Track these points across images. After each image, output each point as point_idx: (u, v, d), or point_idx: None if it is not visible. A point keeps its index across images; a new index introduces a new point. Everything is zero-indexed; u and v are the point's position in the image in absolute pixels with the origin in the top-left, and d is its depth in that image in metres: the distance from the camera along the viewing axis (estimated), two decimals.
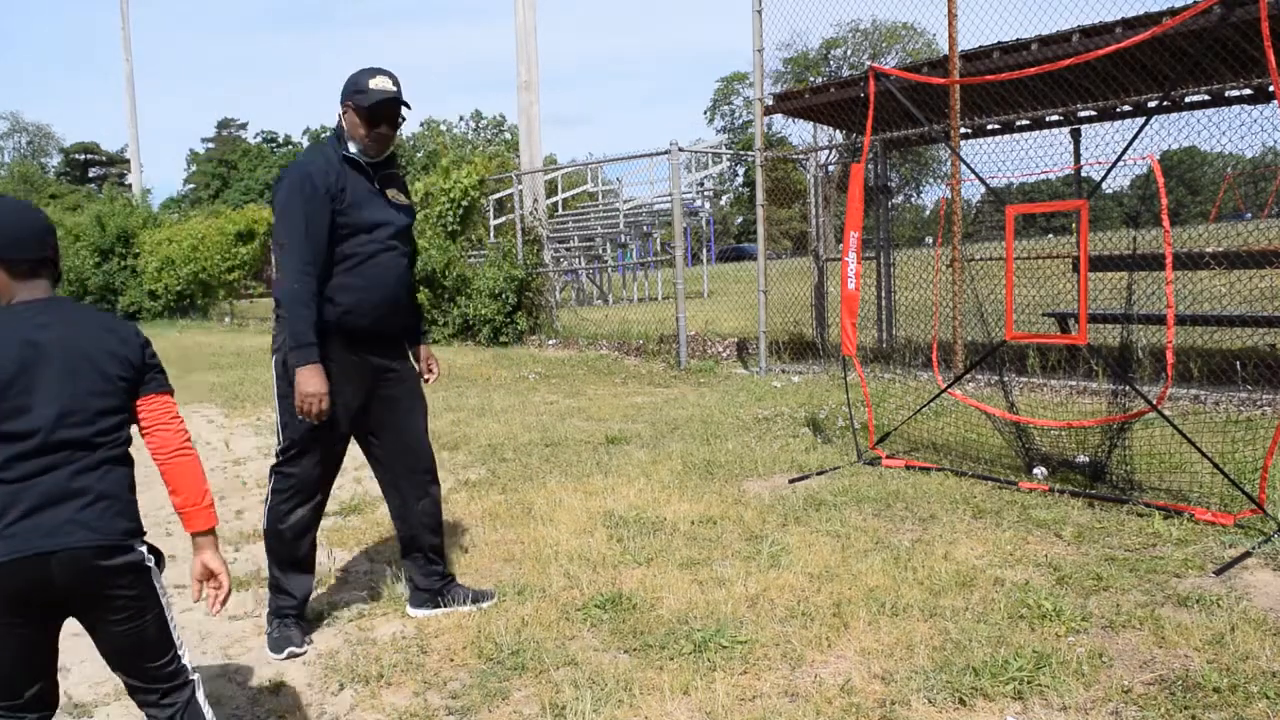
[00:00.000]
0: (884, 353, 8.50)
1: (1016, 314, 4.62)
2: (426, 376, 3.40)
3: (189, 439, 1.95)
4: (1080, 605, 2.99)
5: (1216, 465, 3.83)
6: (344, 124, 3.06)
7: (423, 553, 3.29)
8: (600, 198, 21.31)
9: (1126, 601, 3.02)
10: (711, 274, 21.26)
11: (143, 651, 1.86)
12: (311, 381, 2.91)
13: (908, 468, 4.85)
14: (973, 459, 4.95)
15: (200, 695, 1.95)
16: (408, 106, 3.07)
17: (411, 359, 3.33)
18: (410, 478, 3.26)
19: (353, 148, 3.06)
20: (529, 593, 3.36)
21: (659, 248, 21.93)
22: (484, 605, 3.26)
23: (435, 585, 3.29)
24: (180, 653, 1.92)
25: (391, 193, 3.16)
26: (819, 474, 4.86)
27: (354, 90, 3.02)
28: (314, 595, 3.51)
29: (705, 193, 21.68)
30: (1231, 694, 2.39)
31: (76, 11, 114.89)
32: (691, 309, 11.11)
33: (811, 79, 38.30)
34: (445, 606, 3.26)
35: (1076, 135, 8.23)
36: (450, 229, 13.31)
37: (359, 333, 3.06)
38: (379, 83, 3.01)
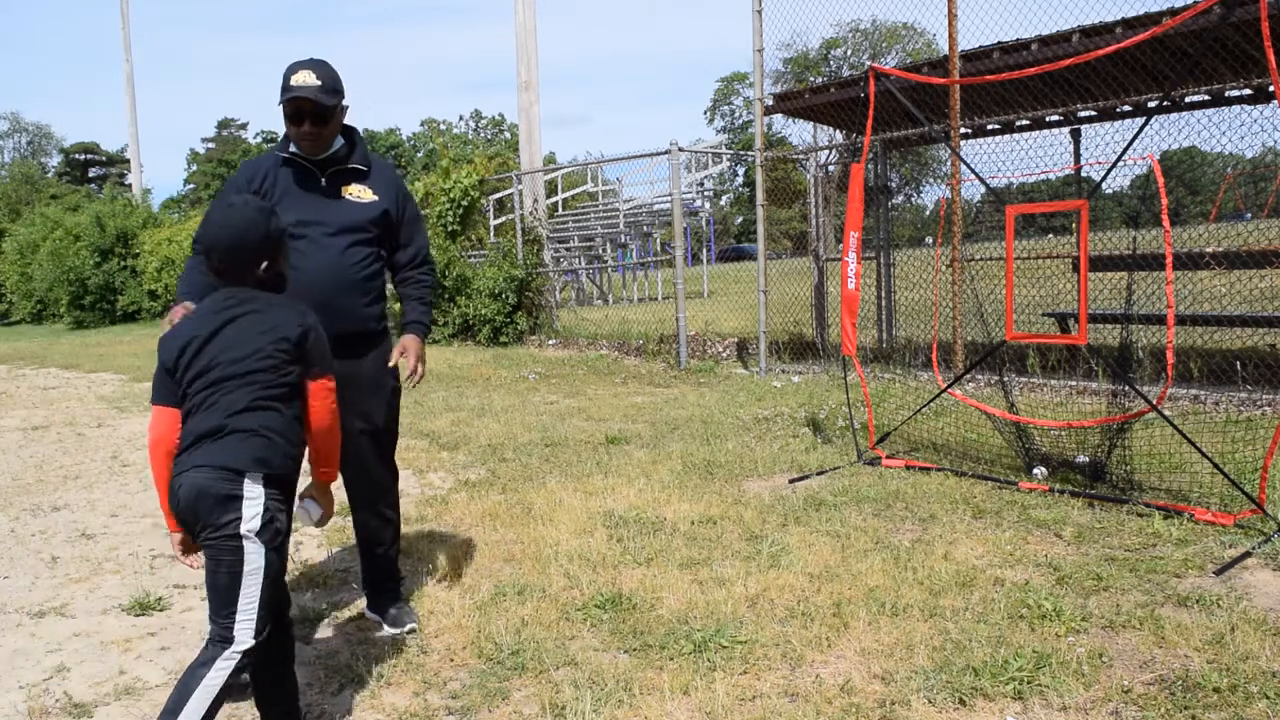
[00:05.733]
0: (884, 353, 8.50)
1: (1016, 314, 4.62)
2: (403, 371, 3.09)
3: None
4: (1080, 605, 2.99)
5: (1216, 465, 3.83)
6: None
7: (370, 563, 3.25)
8: (600, 198, 21.31)
9: (1126, 601, 3.02)
10: (711, 274, 21.25)
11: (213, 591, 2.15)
12: None
13: (908, 468, 4.85)
14: (973, 459, 4.95)
15: (217, 666, 2.08)
16: (323, 104, 2.84)
17: (380, 368, 3.09)
18: (359, 497, 3.18)
19: (293, 146, 2.96)
20: (529, 593, 3.36)
21: (659, 248, 21.94)
22: (399, 632, 3.11)
23: (369, 593, 3.27)
24: (239, 615, 2.11)
25: (354, 189, 3.01)
26: (819, 474, 4.86)
27: (280, 87, 2.86)
28: (314, 595, 3.52)
29: (705, 193, 21.69)
30: (1231, 694, 2.39)
31: (76, 11, 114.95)
32: (691, 309, 11.12)
33: (811, 79, 38.30)
34: (371, 614, 3.26)
35: (1076, 135, 8.22)
36: (450, 229, 13.31)
37: None
38: (297, 78, 2.83)
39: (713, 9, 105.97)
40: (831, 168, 9.49)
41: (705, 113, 68.39)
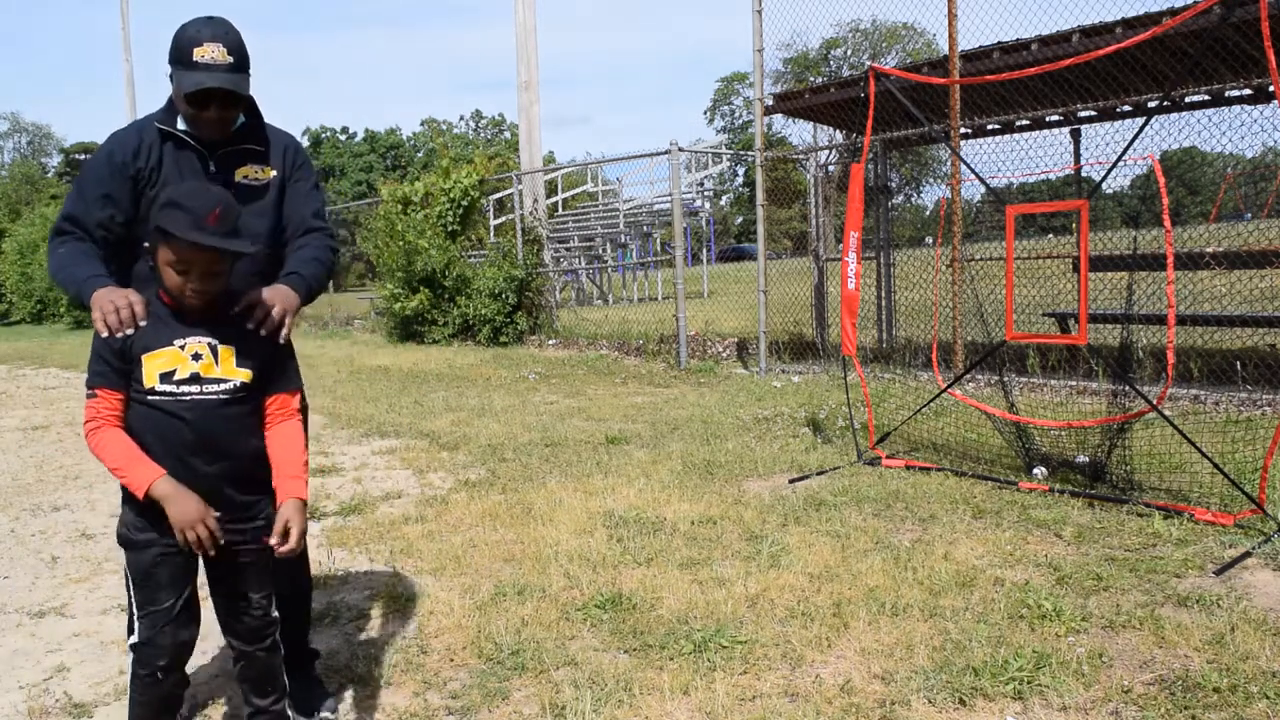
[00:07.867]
0: (884, 353, 8.50)
1: (1016, 314, 4.62)
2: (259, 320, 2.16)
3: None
4: (1080, 605, 3.00)
5: (1216, 465, 3.83)
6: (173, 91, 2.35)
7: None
8: (600, 198, 21.33)
9: (1126, 601, 3.02)
10: (711, 274, 21.26)
11: None
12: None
13: (908, 468, 4.85)
14: (973, 459, 4.95)
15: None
16: (239, 93, 2.29)
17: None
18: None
19: (181, 123, 2.37)
20: (529, 593, 3.36)
21: (659, 248, 21.95)
22: None
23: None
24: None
25: (250, 171, 2.44)
26: (819, 474, 4.86)
27: (176, 58, 2.27)
28: (314, 595, 3.52)
29: (705, 193, 21.71)
30: (1231, 694, 2.39)
31: (76, 11, 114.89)
32: (691, 309, 11.12)
33: (811, 79, 38.29)
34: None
35: (1076, 135, 8.23)
36: (450, 229, 13.32)
37: None
38: (205, 53, 2.24)
39: (713, 9, 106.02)
40: (831, 168, 9.50)
41: (705, 113, 68.42)
